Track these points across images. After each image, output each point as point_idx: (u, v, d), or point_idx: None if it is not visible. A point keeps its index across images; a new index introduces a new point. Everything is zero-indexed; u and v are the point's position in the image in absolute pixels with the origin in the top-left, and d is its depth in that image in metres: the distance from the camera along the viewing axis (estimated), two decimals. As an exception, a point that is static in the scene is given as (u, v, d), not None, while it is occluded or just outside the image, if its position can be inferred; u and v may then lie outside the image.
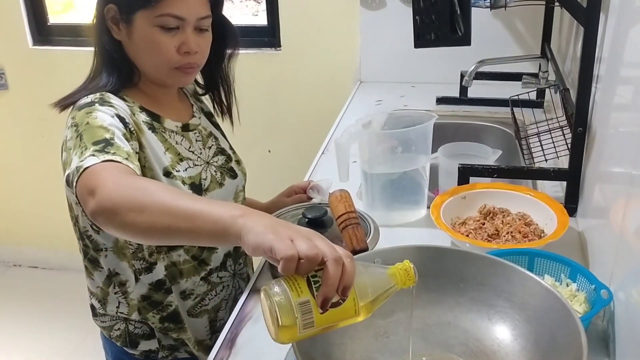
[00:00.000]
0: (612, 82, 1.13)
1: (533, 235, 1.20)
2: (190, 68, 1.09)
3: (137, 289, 1.15)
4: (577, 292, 1.00)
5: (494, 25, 2.21)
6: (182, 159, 1.13)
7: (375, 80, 2.41)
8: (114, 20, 1.07)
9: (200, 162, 1.17)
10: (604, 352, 0.95)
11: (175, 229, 0.77)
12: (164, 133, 1.12)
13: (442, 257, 0.90)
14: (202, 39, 1.10)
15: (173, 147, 1.13)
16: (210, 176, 1.19)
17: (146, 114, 1.11)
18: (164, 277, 1.15)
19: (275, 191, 1.78)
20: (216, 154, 1.23)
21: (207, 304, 1.22)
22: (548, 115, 1.74)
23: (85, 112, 1.00)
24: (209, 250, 1.18)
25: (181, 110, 1.21)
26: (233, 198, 1.24)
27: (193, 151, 1.17)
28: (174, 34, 1.05)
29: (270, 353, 1.00)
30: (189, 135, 1.17)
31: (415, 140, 1.30)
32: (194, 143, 1.18)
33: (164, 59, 1.06)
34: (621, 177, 0.99)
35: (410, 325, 0.85)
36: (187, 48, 1.06)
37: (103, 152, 0.91)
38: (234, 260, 1.26)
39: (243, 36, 2.78)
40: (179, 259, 1.15)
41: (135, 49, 1.07)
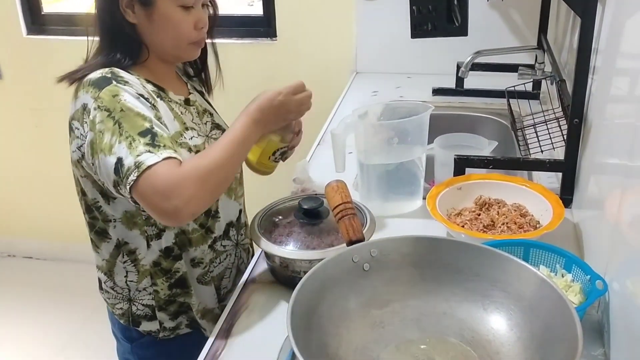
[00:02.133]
0: (608, 73, 1.13)
1: (528, 226, 1.21)
2: (202, 42, 1.19)
3: (148, 255, 1.19)
4: (572, 282, 1.01)
5: (491, 16, 2.20)
6: (188, 128, 1.17)
7: (372, 71, 2.40)
8: (128, 5, 1.11)
9: (203, 134, 1.22)
10: (598, 342, 0.96)
11: (232, 170, 1.08)
12: (170, 102, 1.17)
13: (438, 247, 0.90)
14: (206, 14, 1.18)
15: (179, 116, 1.17)
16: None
17: (152, 85, 1.16)
18: (172, 244, 1.19)
19: (271, 181, 1.78)
20: (212, 128, 1.27)
21: (212, 271, 1.26)
22: (544, 106, 1.74)
23: (111, 94, 1.04)
24: (212, 219, 1.23)
25: (180, 86, 1.26)
26: None
27: (196, 123, 1.22)
28: (190, 12, 1.13)
29: (266, 343, 1.01)
30: (190, 109, 1.23)
31: (411, 131, 1.30)
32: (195, 117, 1.23)
33: (185, 35, 1.14)
34: (617, 169, 0.99)
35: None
36: (202, 24, 1.15)
37: (155, 147, 0.99)
38: (236, 230, 1.31)
39: (238, 26, 2.78)
40: (188, 228, 1.19)
41: (155, 30, 1.13)
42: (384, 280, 0.89)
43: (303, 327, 0.77)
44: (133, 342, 1.29)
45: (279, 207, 1.22)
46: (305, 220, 1.14)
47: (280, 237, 1.12)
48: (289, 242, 1.11)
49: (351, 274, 0.88)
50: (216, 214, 1.24)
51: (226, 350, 1.01)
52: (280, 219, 1.18)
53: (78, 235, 1.59)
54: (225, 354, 1.00)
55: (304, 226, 1.14)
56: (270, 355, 0.98)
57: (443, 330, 0.87)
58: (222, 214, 1.25)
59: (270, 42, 2.50)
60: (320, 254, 1.05)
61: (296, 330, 0.73)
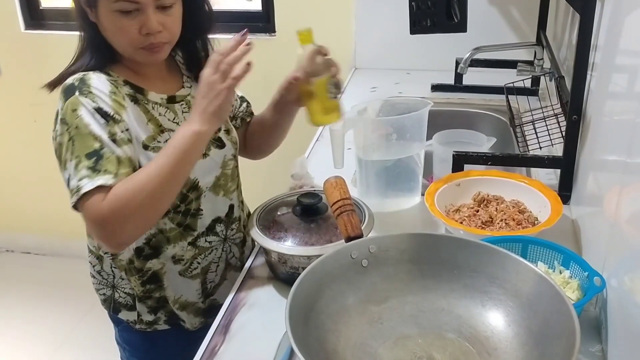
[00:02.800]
0: (607, 69, 1.13)
1: (527, 222, 1.21)
2: (156, 47, 1.11)
3: (125, 253, 1.21)
4: (570, 279, 1.01)
5: (490, 12, 2.20)
6: (164, 130, 1.15)
7: (370, 67, 2.40)
8: (86, 4, 1.10)
9: None
10: (596, 339, 0.96)
11: (169, 188, 1.03)
12: (147, 105, 1.15)
13: (436, 244, 0.91)
14: (167, 16, 1.10)
15: (155, 119, 1.15)
16: None
17: (130, 87, 1.14)
18: (143, 244, 1.20)
19: (269, 176, 1.78)
20: None
21: (196, 267, 1.26)
22: (543, 102, 1.74)
23: (71, 107, 1.05)
24: (192, 217, 1.22)
25: (169, 81, 1.23)
26: (220, 167, 1.25)
27: (178, 122, 1.18)
28: (134, 16, 1.07)
29: (264, 339, 1.01)
30: (174, 107, 1.19)
31: (410, 128, 1.30)
32: (180, 114, 1.20)
33: (128, 40, 1.09)
34: (615, 165, 0.99)
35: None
36: (147, 29, 1.08)
37: (95, 171, 1.01)
38: (225, 226, 1.29)
39: (237, 21, 2.77)
40: (165, 227, 1.20)
41: (105, 32, 1.11)
42: (383, 276, 0.90)
43: (301, 323, 0.77)
44: (118, 325, 1.34)
45: (277, 203, 1.22)
46: (303, 217, 1.14)
47: (278, 233, 1.12)
48: (287, 238, 1.11)
49: (350, 270, 0.88)
50: (197, 212, 1.23)
51: (224, 345, 1.01)
52: (279, 215, 1.18)
53: (77, 230, 1.58)
54: (223, 350, 1.00)
55: (302, 222, 1.14)
56: (268, 351, 0.98)
57: (441, 327, 0.87)
58: (205, 211, 1.24)
59: (269, 38, 2.50)
60: (319, 250, 1.05)
61: (295, 326, 0.73)
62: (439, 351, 0.83)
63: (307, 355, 0.70)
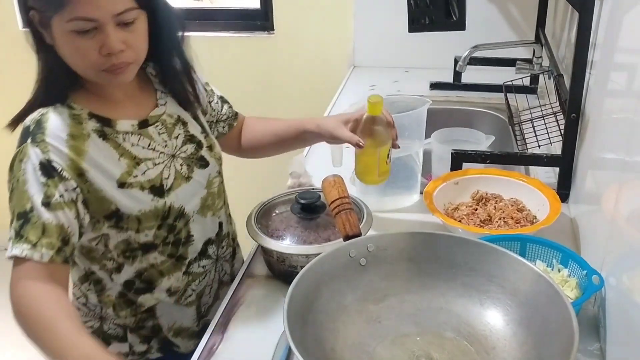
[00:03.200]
0: (606, 68, 1.13)
1: (525, 221, 1.21)
2: (120, 68, 0.99)
3: (114, 287, 1.13)
4: (569, 277, 1.01)
5: (489, 10, 2.20)
6: (140, 161, 1.06)
7: (369, 65, 2.40)
8: (41, 25, 0.98)
9: (163, 159, 1.09)
10: (594, 337, 0.96)
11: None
12: (117, 137, 1.05)
13: (435, 242, 0.90)
14: (130, 33, 0.98)
15: (128, 152, 1.05)
16: (175, 172, 1.10)
17: (96, 120, 1.04)
18: (134, 277, 1.12)
19: (267, 176, 1.78)
20: (184, 142, 1.14)
21: (190, 294, 1.19)
22: (541, 101, 1.74)
23: (20, 156, 0.99)
24: (184, 245, 1.14)
25: (141, 102, 1.12)
26: (205, 187, 1.16)
27: (154, 148, 1.09)
28: (92, 36, 0.95)
29: (263, 337, 1.01)
30: (148, 131, 1.09)
31: (408, 126, 1.30)
32: (156, 138, 1.09)
33: (88, 63, 0.98)
34: (614, 164, 0.99)
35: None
36: (108, 49, 0.96)
37: (17, 237, 0.94)
38: (217, 245, 1.22)
39: (235, 19, 2.77)
40: (156, 261, 1.12)
41: (62, 54, 0.99)
42: (381, 275, 0.90)
43: (300, 321, 0.77)
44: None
45: (275, 202, 1.22)
46: (302, 215, 1.14)
47: (277, 232, 1.12)
48: (285, 237, 1.11)
49: (348, 268, 0.88)
50: (188, 240, 1.14)
51: (222, 344, 1.01)
52: (277, 214, 1.18)
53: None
54: (221, 349, 1.00)
55: (300, 221, 1.14)
56: (266, 349, 0.98)
57: (439, 325, 0.87)
58: (196, 236, 1.16)
59: (267, 36, 2.50)
60: (317, 249, 1.05)
61: (293, 325, 0.73)
62: (437, 350, 0.83)
63: (305, 354, 0.70)
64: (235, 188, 2.63)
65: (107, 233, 1.06)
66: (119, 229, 1.05)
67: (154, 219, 1.07)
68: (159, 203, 1.07)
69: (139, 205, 1.05)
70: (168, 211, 1.09)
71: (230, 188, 1.29)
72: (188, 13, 2.58)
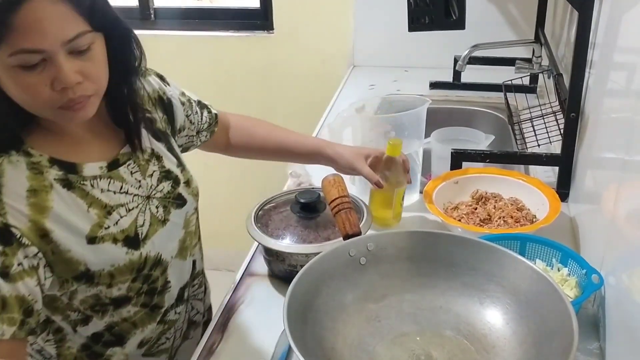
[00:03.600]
0: (605, 67, 1.13)
1: (525, 220, 1.21)
2: (79, 103, 0.85)
3: (76, 339, 0.99)
4: (568, 276, 1.01)
5: (488, 10, 2.20)
6: (111, 210, 0.93)
7: (369, 64, 2.40)
8: None
9: (137, 202, 0.97)
10: (594, 336, 0.96)
11: None
12: (85, 185, 0.91)
13: (435, 241, 0.91)
14: (86, 61, 0.84)
15: (97, 200, 0.92)
16: (150, 216, 0.98)
17: (58, 167, 0.89)
18: (102, 330, 1.00)
19: (267, 174, 1.77)
20: (160, 180, 1.01)
21: (163, 342, 1.08)
22: (541, 100, 1.74)
23: None
24: (159, 294, 1.03)
25: (108, 139, 0.98)
26: (183, 228, 1.05)
27: (126, 191, 0.96)
28: (41, 69, 0.80)
29: (262, 336, 1.01)
30: (119, 172, 0.95)
31: (408, 125, 1.30)
32: (128, 179, 0.97)
33: (40, 102, 0.83)
34: (613, 163, 0.99)
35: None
36: (62, 84, 0.81)
37: None
38: (190, 287, 1.12)
39: (235, 19, 2.76)
40: (129, 314, 1.00)
41: (9, 93, 0.83)
42: (381, 274, 0.90)
43: (299, 320, 0.77)
44: None
45: (275, 201, 1.22)
46: (302, 214, 1.14)
47: (276, 231, 1.12)
48: (285, 236, 1.11)
49: (348, 267, 0.88)
50: (165, 287, 1.03)
51: (222, 343, 1.01)
52: (277, 213, 1.18)
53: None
54: (221, 348, 1.00)
55: (300, 220, 1.14)
56: (266, 348, 0.98)
57: (439, 324, 0.87)
58: (173, 282, 1.05)
59: (267, 35, 2.49)
60: (317, 248, 1.05)
61: (293, 324, 0.73)
62: (437, 349, 0.83)
63: (305, 353, 0.70)
64: (235, 187, 2.64)
65: (74, 289, 0.92)
66: (88, 285, 0.92)
67: (129, 272, 0.95)
68: (134, 256, 0.95)
69: (112, 260, 0.93)
70: (144, 262, 0.97)
71: (229, 187, 1.30)
72: (188, 12, 2.58)
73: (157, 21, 2.57)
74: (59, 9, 0.79)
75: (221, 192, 2.60)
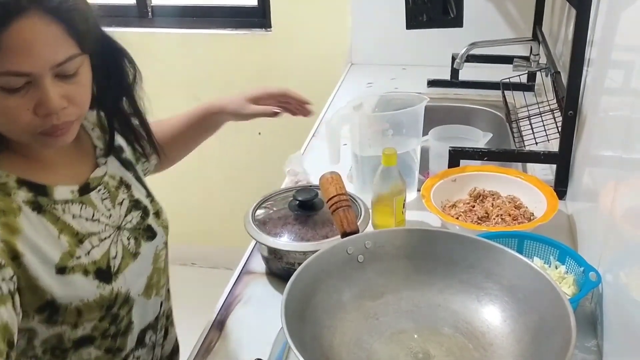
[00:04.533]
0: (603, 65, 1.13)
1: (523, 218, 1.21)
2: (61, 129, 0.80)
3: None
4: (566, 274, 1.01)
5: (486, 8, 2.20)
6: (83, 238, 0.86)
7: (366, 62, 2.40)
8: None
9: (109, 232, 0.91)
10: (592, 334, 0.96)
11: None
12: (55, 209, 0.85)
13: (432, 239, 0.90)
14: (72, 85, 0.79)
15: (69, 227, 0.85)
16: (122, 248, 0.92)
17: (27, 188, 0.83)
18: None
19: (265, 172, 1.77)
20: (129, 210, 0.95)
21: None
22: (539, 98, 1.74)
23: None
24: (122, 336, 0.95)
25: (79, 162, 0.92)
26: (152, 263, 0.98)
27: (98, 219, 0.89)
28: (24, 93, 0.75)
29: (261, 335, 1.01)
30: (90, 198, 0.89)
31: (406, 123, 1.30)
32: (99, 205, 0.90)
33: (20, 126, 0.78)
34: (611, 161, 0.99)
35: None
36: (46, 110, 0.77)
37: None
38: (153, 330, 1.02)
39: (232, 16, 2.76)
40: (90, 357, 0.91)
41: None
42: (378, 272, 0.89)
43: (297, 318, 0.77)
44: None
45: (273, 199, 1.22)
46: (299, 212, 1.14)
47: (274, 229, 1.12)
48: (283, 234, 1.11)
49: (345, 265, 0.88)
50: (128, 328, 0.95)
51: (220, 341, 1.01)
52: (275, 211, 1.18)
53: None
54: (219, 346, 1.00)
55: (298, 218, 1.14)
56: (264, 346, 0.98)
57: (437, 322, 0.87)
58: (136, 323, 0.96)
59: (264, 33, 2.49)
60: (315, 246, 1.05)
61: (290, 322, 0.73)
62: (435, 346, 0.83)
63: (303, 350, 0.70)
64: (233, 185, 2.64)
65: (34, 328, 0.83)
66: (50, 324, 0.84)
67: (98, 309, 0.87)
68: (105, 291, 0.87)
69: (82, 294, 0.85)
70: (115, 299, 0.89)
71: (227, 185, 1.29)
72: (185, 10, 2.58)
73: (155, 19, 2.56)
74: (52, 31, 0.74)
75: (219, 190, 2.60)
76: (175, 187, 2.68)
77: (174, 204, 1.25)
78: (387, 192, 1.17)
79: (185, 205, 2.67)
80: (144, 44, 2.57)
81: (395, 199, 1.18)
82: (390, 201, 1.17)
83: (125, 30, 2.52)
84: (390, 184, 1.17)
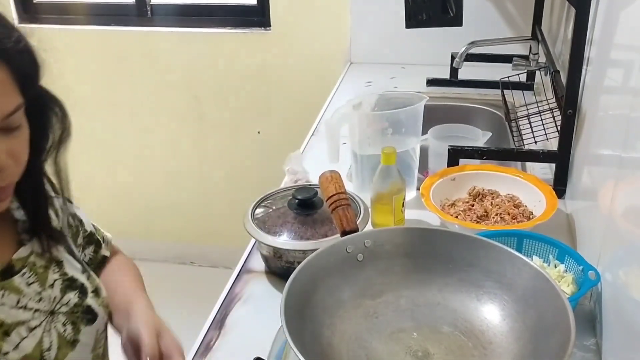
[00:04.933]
0: (602, 64, 1.13)
1: (522, 216, 1.21)
2: (4, 193, 0.70)
3: None
4: (565, 273, 1.01)
5: (485, 7, 2.20)
6: (10, 329, 0.74)
7: (366, 61, 2.40)
8: None
9: (40, 319, 0.78)
10: (590, 333, 0.97)
11: None
12: None
13: (432, 238, 0.91)
14: (16, 140, 0.68)
15: None
16: (57, 337, 0.79)
17: None
18: None
19: (263, 172, 1.77)
20: (64, 290, 0.82)
21: None
22: (538, 97, 1.74)
23: None
24: None
25: (3, 241, 0.78)
26: (92, 350, 0.85)
27: (25, 305, 0.76)
28: None
29: (260, 333, 1.01)
30: (13, 283, 0.76)
31: (405, 122, 1.30)
32: (26, 290, 0.77)
33: None
34: (610, 160, 0.99)
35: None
36: None
37: None
38: None
39: (232, 15, 2.76)
40: None
41: None
42: (378, 270, 0.90)
43: (297, 317, 0.77)
44: None
45: (272, 198, 1.22)
46: (299, 211, 1.14)
47: (274, 228, 1.12)
48: (282, 233, 1.11)
49: (345, 264, 0.88)
50: None
51: (220, 340, 1.01)
52: (274, 210, 1.18)
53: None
54: (218, 344, 1.00)
55: (297, 216, 1.14)
56: (263, 345, 0.98)
57: (436, 321, 0.87)
58: None
59: (264, 32, 2.49)
60: (314, 245, 1.05)
61: (290, 321, 0.73)
62: (434, 345, 0.83)
63: (302, 349, 0.70)
64: (232, 184, 2.64)
65: None
66: None
67: None
68: None
69: None
70: None
71: (227, 184, 1.29)
72: (184, 9, 2.58)
73: (154, 18, 2.56)
74: (1, 77, 0.63)
75: (218, 189, 2.60)
76: (175, 185, 2.68)
77: (173, 203, 1.26)
78: (387, 190, 1.17)
79: (185, 204, 2.68)
80: (143, 43, 2.58)
81: (395, 198, 1.18)
82: (390, 200, 1.18)
83: (124, 29, 2.53)
84: (389, 182, 1.17)
